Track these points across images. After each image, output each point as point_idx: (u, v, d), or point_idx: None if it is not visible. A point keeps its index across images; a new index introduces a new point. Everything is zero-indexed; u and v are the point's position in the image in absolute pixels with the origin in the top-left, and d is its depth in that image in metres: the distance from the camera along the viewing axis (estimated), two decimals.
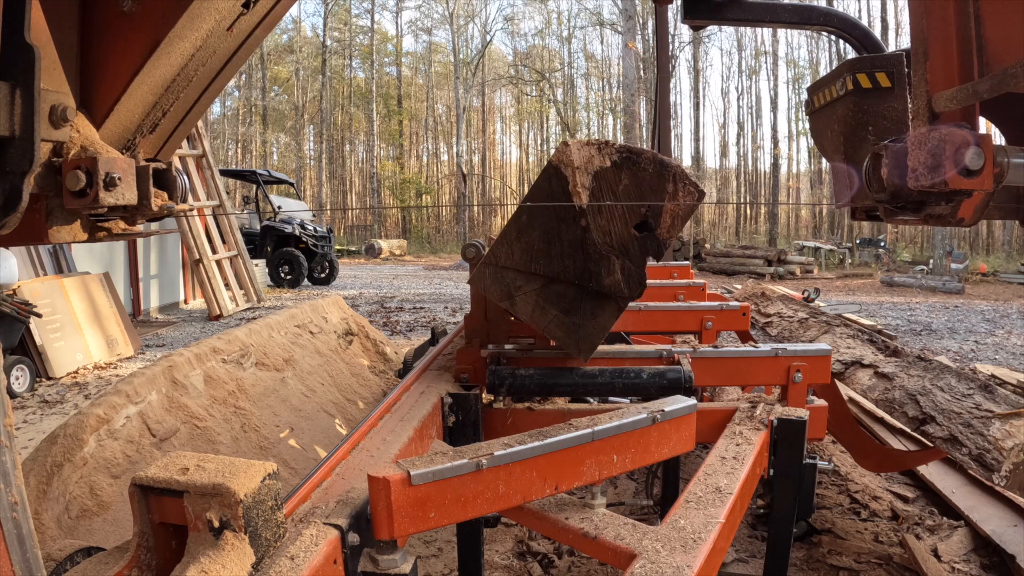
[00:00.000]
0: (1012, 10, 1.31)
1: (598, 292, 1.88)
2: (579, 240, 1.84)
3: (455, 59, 39.40)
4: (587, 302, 1.90)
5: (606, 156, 1.80)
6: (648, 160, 1.80)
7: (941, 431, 2.19)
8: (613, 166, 1.80)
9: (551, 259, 1.87)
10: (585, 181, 1.80)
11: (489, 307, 2.29)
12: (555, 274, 1.88)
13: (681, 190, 1.81)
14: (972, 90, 1.31)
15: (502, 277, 1.91)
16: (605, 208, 1.82)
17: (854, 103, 2.34)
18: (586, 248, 1.84)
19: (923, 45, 1.45)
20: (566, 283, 1.89)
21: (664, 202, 1.81)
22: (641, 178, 1.81)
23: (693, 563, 1.15)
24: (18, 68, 1.06)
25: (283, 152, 42.86)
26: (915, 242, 26.91)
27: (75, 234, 1.33)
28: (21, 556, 0.91)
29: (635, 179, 1.81)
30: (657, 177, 1.80)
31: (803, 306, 4.15)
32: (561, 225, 1.84)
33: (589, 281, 1.87)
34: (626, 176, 1.81)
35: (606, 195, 1.81)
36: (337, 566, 1.08)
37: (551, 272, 1.88)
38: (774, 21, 3.16)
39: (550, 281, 1.89)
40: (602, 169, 1.80)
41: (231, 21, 1.42)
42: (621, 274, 1.85)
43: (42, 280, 6.91)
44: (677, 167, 1.81)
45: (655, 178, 1.80)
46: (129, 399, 2.77)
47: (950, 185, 1.32)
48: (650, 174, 1.80)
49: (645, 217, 1.83)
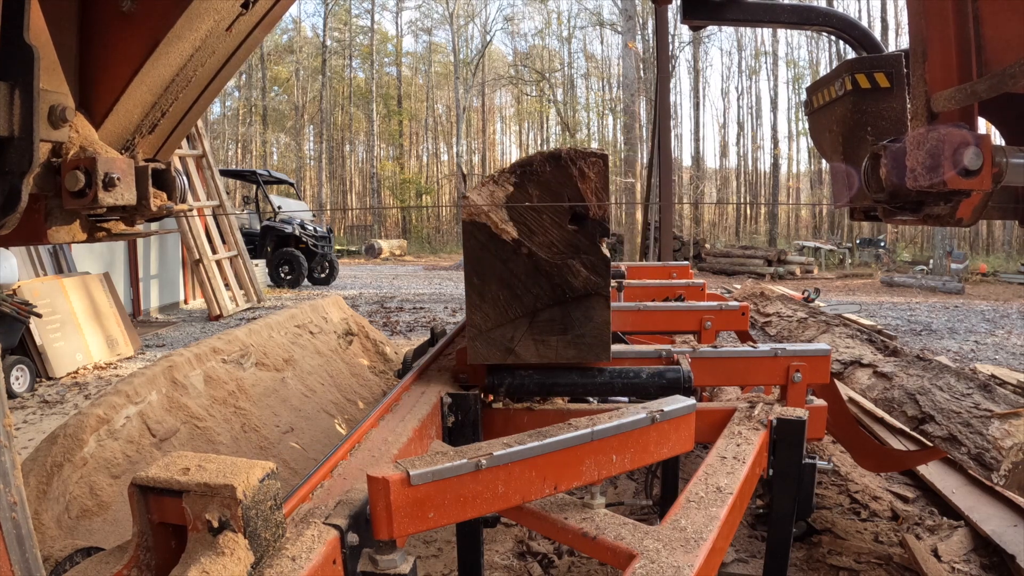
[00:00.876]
0: (1011, 10, 1.31)
1: (579, 296, 1.91)
2: (532, 267, 1.88)
3: (455, 59, 39.41)
4: (575, 312, 1.93)
5: (504, 183, 1.86)
6: (540, 162, 1.85)
7: (940, 430, 2.19)
8: (516, 188, 1.86)
9: (521, 297, 1.91)
10: (503, 216, 1.85)
11: None
12: (533, 308, 1.92)
13: (586, 168, 1.85)
14: (971, 90, 1.31)
15: (492, 340, 1.94)
16: (535, 226, 1.87)
17: (853, 103, 2.34)
18: (542, 269, 1.89)
19: (922, 45, 1.45)
20: (547, 308, 1.93)
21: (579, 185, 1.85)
22: (547, 182, 1.86)
23: (693, 563, 1.15)
24: (17, 68, 1.06)
25: (283, 152, 42.87)
26: (915, 242, 26.91)
27: (74, 234, 1.33)
28: (21, 556, 0.91)
29: (543, 186, 1.86)
30: (559, 171, 1.85)
31: (802, 306, 4.15)
32: (509, 265, 1.88)
33: (564, 294, 1.90)
34: (533, 188, 1.86)
35: (527, 216, 1.86)
36: (336, 566, 1.08)
37: (529, 308, 1.92)
38: (773, 21, 3.16)
39: (533, 316, 1.93)
40: (510, 196, 1.85)
41: (230, 21, 1.43)
42: (585, 269, 1.89)
43: (42, 280, 6.91)
44: (566, 151, 1.86)
45: (557, 173, 1.85)
46: (129, 399, 2.77)
47: (949, 185, 1.32)
48: (550, 173, 1.85)
49: (572, 210, 1.87)
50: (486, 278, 1.90)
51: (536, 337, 1.94)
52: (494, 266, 1.89)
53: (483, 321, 1.93)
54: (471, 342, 1.95)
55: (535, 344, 1.94)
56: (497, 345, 1.94)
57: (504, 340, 1.94)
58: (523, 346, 1.94)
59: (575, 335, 1.94)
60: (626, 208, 23.97)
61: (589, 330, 1.93)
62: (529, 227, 1.87)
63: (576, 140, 40.29)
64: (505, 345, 1.94)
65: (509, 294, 1.91)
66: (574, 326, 1.93)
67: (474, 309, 1.92)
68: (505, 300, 1.91)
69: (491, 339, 1.94)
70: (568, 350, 1.95)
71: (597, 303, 1.92)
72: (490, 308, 1.92)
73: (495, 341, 1.94)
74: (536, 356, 1.95)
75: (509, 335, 1.94)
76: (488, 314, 1.92)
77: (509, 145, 48.72)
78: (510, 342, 1.94)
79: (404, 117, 43.51)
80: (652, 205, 10.15)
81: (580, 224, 1.88)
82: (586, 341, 1.94)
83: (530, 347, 1.94)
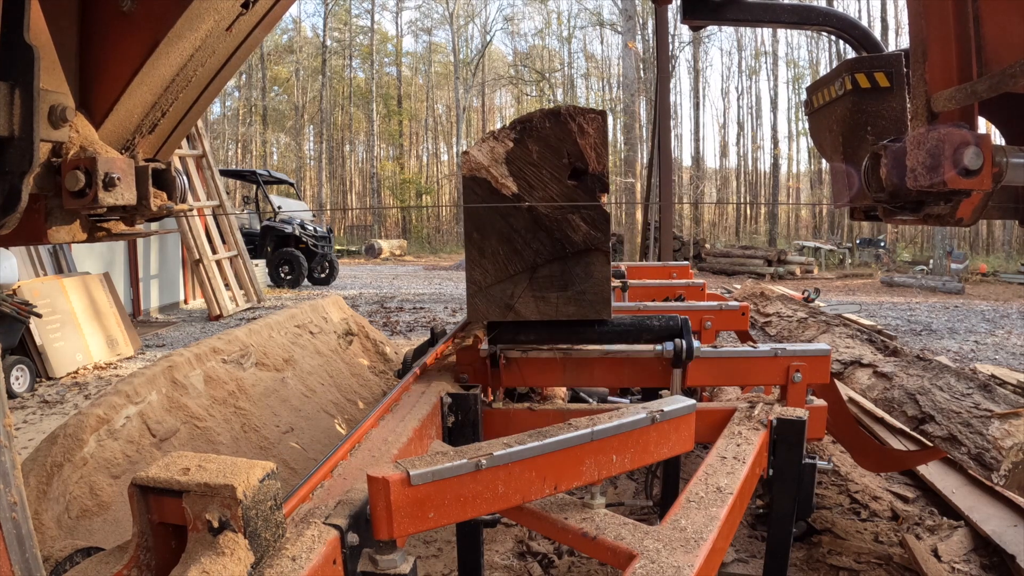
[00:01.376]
0: (1011, 10, 1.31)
1: (579, 252, 1.90)
2: (532, 222, 1.88)
3: (455, 59, 39.41)
4: (575, 267, 1.92)
5: (504, 140, 1.86)
6: (540, 119, 1.86)
7: (940, 430, 2.19)
8: (516, 144, 1.86)
9: (521, 253, 1.90)
10: (503, 171, 1.85)
11: None
12: (533, 263, 1.91)
13: (585, 124, 1.85)
14: (971, 90, 1.31)
15: (492, 296, 1.94)
16: (535, 181, 1.86)
17: (853, 103, 2.34)
18: (542, 224, 1.88)
19: (922, 45, 1.45)
20: (547, 263, 1.92)
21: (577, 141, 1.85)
22: (546, 137, 1.86)
23: (693, 563, 1.15)
24: (17, 68, 1.06)
25: (283, 152, 42.87)
26: (915, 242, 26.91)
27: (74, 234, 1.33)
28: (20, 556, 0.91)
29: (542, 142, 1.86)
30: (558, 127, 1.85)
31: (802, 306, 4.15)
32: (509, 220, 1.88)
33: (564, 249, 1.90)
34: (533, 144, 1.86)
35: (526, 170, 1.86)
36: (336, 566, 1.08)
37: (529, 263, 1.91)
38: (773, 21, 3.16)
39: (533, 271, 1.92)
40: (510, 152, 1.85)
41: (230, 21, 1.43)
42: (586, 224, 1.88)
43: (42, 280, 6.91)
44: (565, 108, 1.86)
45: (557, 129, 1.85)
46: (129, 399, 2.77)
47: (949, 185, 1.32)
48: (549, 129, 1.85)
49: (572, 165, 1.86)
50: (486, 233, 1.89)
51: (536, 293, 1.93)
52: (494, 221, 1.88)
53: (483, 277, 1.91)
54: (471, 299, 1.94)
55: (535, 300, 1.93)
56: (497, 302, 1.93)
57: (504, 296, 1.93)
58: (523, 302, 1.93)
59: (575, 291, 1.93)
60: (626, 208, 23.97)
61: (589, 286, 1.93)
62: (529, 182, 1.86)
63: None
64: (505, 302, 1.93)
65: (509, 249, 1.89)
66: (574, 282, 1.92)
67: (474, 265, 1.91)
68: (505, 255, 1.90)
69: (491, 295, 1.93)
70: (568, 306, 1.94)
71: (597, 258, 1.92)
72: (490, 264, 1.91)
73: (495, 298, 1.93)
74: (536, 313, 1.94)
75: (509, 291, 1.92)
76: (488, 270, 1.91)
77: None
78: (510, 298, 1.93)
79: (404, 117, 43.51)
80: (652, 205, 10.16)
81: (580, 179, 1.87)
82: (586, 297, 1.93)
83: (530, 303, 1.93)
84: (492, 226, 1.89)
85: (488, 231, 1.89)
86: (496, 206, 1.87)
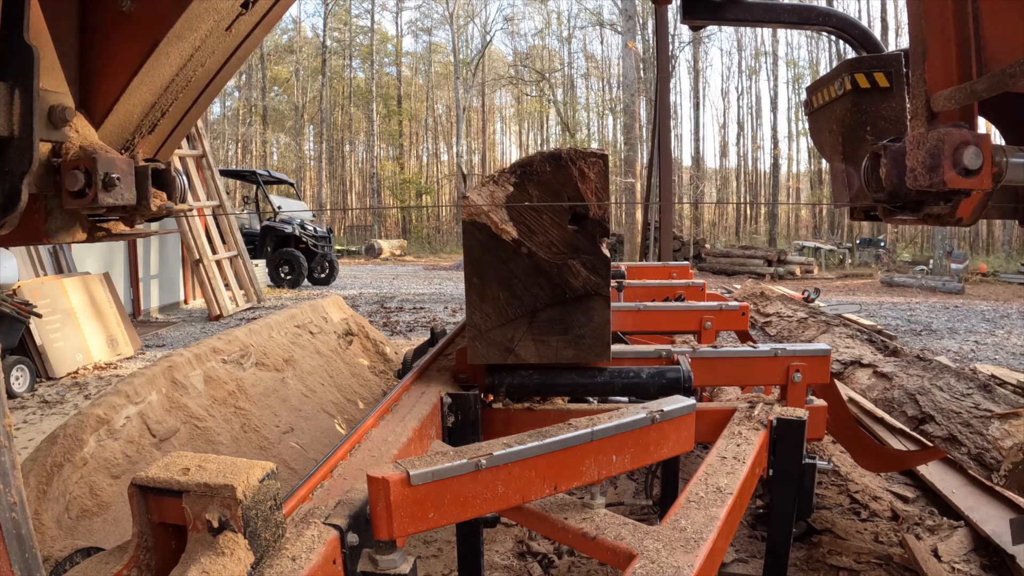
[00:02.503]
0: (1011, 10, 1.31)
1: (579, 297, 1.91)
2: (532, 267, 1.89)
3: (455, 59, 39.40)
4: (575, 312, 1.93)
5: (504, 183, 1.86)
6: (540, 162, 1.86)
7: (940, 430, 2.19)
8: (516, 188, 1.86)
9: (521, 298, 1.91)
10: (503, 216, 1.86)
11: None
12: (533, 308, 1.92)
13: (586, 168, 1.85)
14: (970, 90, 1.31)
15: (493, 340, 1.95)
16: (535, 226, 1.87)
17: (852, 103, 2.34)
18: (542, 269, 1.89)
19: (922, 45, 1.45)
20: (547, 308, 1.93)
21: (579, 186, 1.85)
22: (547, 182, 1.86)
23: (693, 563, 1.15)
24: (17, 68, 1.06)
25: (283, 152, 42.88)
26: (915, 242, 26.91)
27: (74, 234, 1.33)
28: (20, 556, 0.91)
29: (543, 186, 1.86)
30: (559, 172, 1.85)
31: (802, 306, 4.15)
32: (509, 265, 1.89)
33: (564, 294, 1.91)
34: (532, 188, 1.86)
35: (527, 216, 1.86)
36: (336, 566, 1.08)
37: (528, 308, 1.92)
38: (773, 21, 3.16)
39: (533, 316, 1.93)
40: (509, 196, 1.85)
41: (230, 21, 1.43)
42: (585, 269, 1.89)
43: (42, 280, 6.91)
44: (566, 152, 1.86)
45: (558, 173, 1.86)
46: (129, 399, 2.77)
47: (948, 185, 1.32)
48: (550, 173, 1.86)
49: (572, 209, 1.87)
50: (486, 278, 1.90)
51: (536, 337, 1.94)
52: (494, 266, 1.89)
53: (483, 321, 1.93)
54: (471, 342, 1.95)
55: (535, 344, 1.94)
56: (497, 345, 1.94)
57: (504, 340, 1.94)
58: (523, 346, 1.94)
59: (575, 335, 1.94)
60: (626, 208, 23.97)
61: (589, 330, 1.94)
62: (529, 227, 1.87)
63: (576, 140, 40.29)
64: (505, 345, 1.94)
65: (509, 294, 1.91)
66: (574, 326, 1.93)
67: (474, 309, 1.93)
68: (505, 300, 1.91)
69: (491, 339, 1.94)
70: (568, 350, 1.95)
71: (597, 303, 1.92)
72: (490, 308, 1.92)
73: (495, 341, 1.94)
74: (536, 356, 1.95)
75: (509, 335, 1.94)
76: (488, 314, 1.92)
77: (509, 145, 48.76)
78: (510, 342, 1.94)
79: (404, 117, 43.51)
80: (652, 205, 10.16)
81: (580, 224, 1.88)
82: (586, 341, 1.94)
83: (530, 347, 1.95)
84: (492, 272, 1.90)
85: (488, 277, 1.90)
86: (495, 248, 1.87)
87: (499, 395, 2.03)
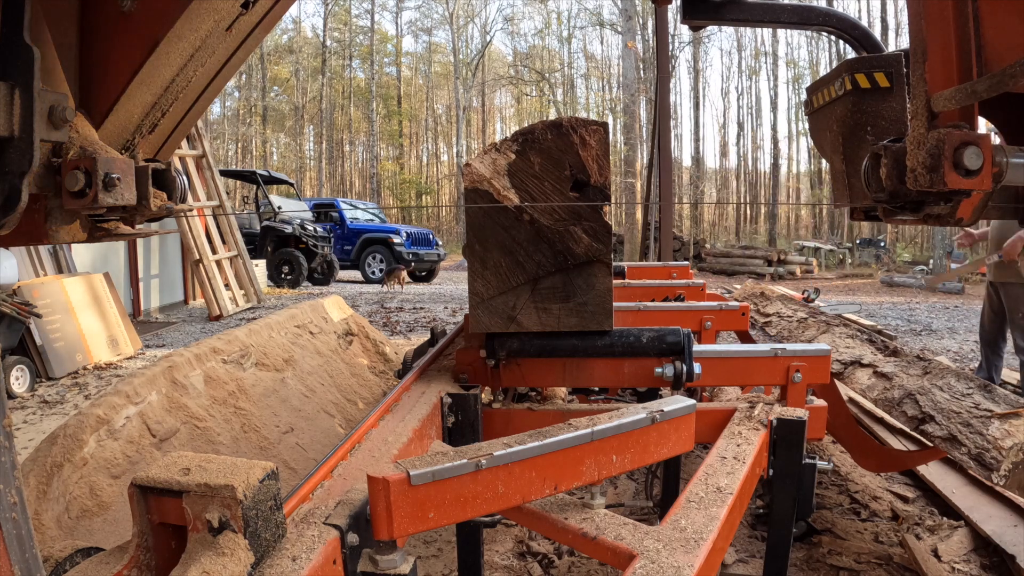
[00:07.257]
0: (1011, 10, 1.31)
1: (581, 264, 1.91)
2: (534, 234, 1.88)
3: (455, 59, 39.42)
4: (577, 278, 1.92)
5: (506, 151, 1.87)
6: (542, 130, 1.86)
7: (940, 430, 2.19)
8: (518, 155, 1.86)
9: (523, 265, 1.91)
10: (505, 183, 1.86)
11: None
12: (535, 275, 1.91)
13: (587, 135, 1.86)
14: (971, 90, 1.31)
15: (494, 307, 1.94)
16: (536, 192, 1.87)
17: (853, 103, 2.33)
18: (544, 236, 1.88)
19: (922, 45, 1.45)
20: (549, 275, 1.92)
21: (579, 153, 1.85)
22: (548, 149, 1.86)
23: (693, 563, 1.15)
24: (17, 68, 1.06)
25: (283, 152, 42.86)
26: (915, 242, 26.91)
27: (74, 234, 1.33)
28: (21, 556, 0.91)
29: (544, 153, 1.86)
30: (560, 139, 1.86)
31: (802, 306, 4.15)
32: (511, 232, 1.89)
33: (566, 261, 1.90)
34: (535, 156, 1.86)
35: (528, 183, 1.87)
36: (336, 566, 1.08)
37: (531, 275, 1.91)
38: (773, 21, 3.16)
39: (535, 283, 1.92)
40: (511, 164, 1.86)
41: (230, 21, 1.43)
42: (588, 236, 1.89)
43: (42, 280, 6.91)
44: (567, 120, 1.87)
45: (559, 140, 1.86)
46: (129, 399, 2.77)
47: (949, 185, 1.32)
48: (551, 140, 1.86)
49: (573, 177, 1.87)
50: (488, 246, 1.90)
51: (538, 305, 1.93)
52: (497, 234, 1.88)
53: (485, 289, 1.92)
54: (473, 311, 1.94)
55: (537, 312, 1.93)
56: (499, 313, 1.93)
57: (506, 308, 1.93)
58: (525, 314, 1.93)
59: (577, 303, 1.93)
60: (626, 208, 23.98)
61: (591, 297, 1.93)
62: (531, 194, 1.86)
63: None
64: (507, 313, 1.93)
65: (511, 261, 1.90)
66: (576, 293, 1.93)
67: (476, 276, 1.92)
68: (507, 267, 1.90)
69: (493, 307, 1.93)
70: (570, 318, 1.94)
71: (599, 270, 1.92)
72: (492, 275, 1.91)
73: (497, 309, 1.93)
74: (538, 324, 1.94)
75: (511, 303, 1.93)
76: (490, 281, 1.91)
77: None
78: (512, 310, 1.93)
79: (404, 117, 43.51)
80: (652, 205, 10.15)
81: (582, 191, 1.88)
82: (588, 309, 1.94)
83: (532, 315, 1.93)
84: (494, 238, 1.89)
85: (490, 243, 1.90)
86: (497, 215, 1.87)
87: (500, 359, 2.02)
